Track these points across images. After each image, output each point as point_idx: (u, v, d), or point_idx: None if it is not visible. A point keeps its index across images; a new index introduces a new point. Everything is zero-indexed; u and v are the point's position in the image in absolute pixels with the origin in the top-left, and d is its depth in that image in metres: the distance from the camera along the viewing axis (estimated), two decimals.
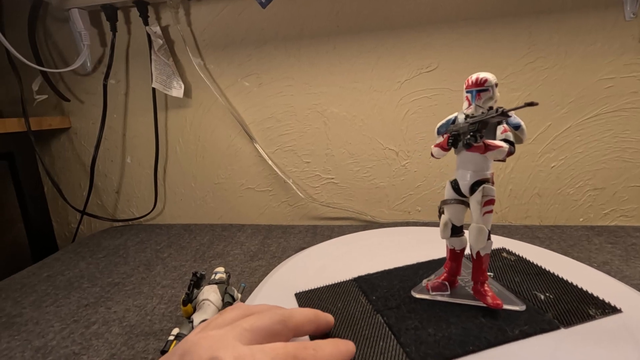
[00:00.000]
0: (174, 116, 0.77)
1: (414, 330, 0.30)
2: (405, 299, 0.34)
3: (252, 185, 0.78)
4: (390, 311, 0.33)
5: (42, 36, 0.76)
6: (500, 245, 0.46)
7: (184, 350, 0.21)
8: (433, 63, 0.66)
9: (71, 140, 0.82)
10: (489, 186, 0.29)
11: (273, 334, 0.23)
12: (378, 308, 0.33)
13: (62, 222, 0.88)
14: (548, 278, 0.37)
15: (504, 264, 0.41)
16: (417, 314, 0.32)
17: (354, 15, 0.67)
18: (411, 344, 0.28)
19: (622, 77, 0.62)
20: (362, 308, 0.34)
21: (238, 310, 0.25)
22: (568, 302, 0.33)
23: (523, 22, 0.62)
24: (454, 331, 0.29)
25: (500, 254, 0.43)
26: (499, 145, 0.28)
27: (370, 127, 0.71)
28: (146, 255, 0.64)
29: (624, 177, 0.66)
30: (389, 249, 0.47)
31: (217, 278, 0.43)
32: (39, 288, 0.54)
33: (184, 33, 0.71)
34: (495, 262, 0.41)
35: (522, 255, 0.42)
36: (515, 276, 0.38)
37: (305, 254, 0.48)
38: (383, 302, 0.34)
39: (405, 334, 0.29)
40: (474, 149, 0.28)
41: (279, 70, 0.71)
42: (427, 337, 0.29)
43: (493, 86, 0.29)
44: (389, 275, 0.39)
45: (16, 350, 0.40)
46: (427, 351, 0.27)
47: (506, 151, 0.28)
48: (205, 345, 0.20)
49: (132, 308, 0.47)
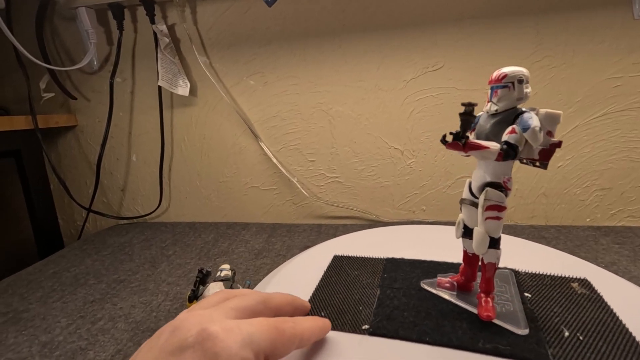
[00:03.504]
0: (180, 114, 0.77)
1: (393, 308, 0.32)
2: (412, 286, 0.35)
3: (257, 184, 0.78)
4: (389, 289, 0.35)
5: (49, 34, 0.77)
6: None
7: (173, 326, 0.22)
8: (439, 62, 0.66)
9: (77, 138, 0.83)
10: (493, 190, 0.27)
11: (256, 313, 0.25)
12: (382, 284, 0.36)
13: (68, 220, 0.88)
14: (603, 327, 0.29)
15: (567, 294, 0.33)
16: (408, 299, 0.33)
17: (359, 14, 0.67)
18: (379, 315, 0.31)
19: (630, 76, 0.61)
20: (371, 281, 0.37)
21: (222, 294, 0.27)
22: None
23: (530, 20, 0.62)
24: (426, 322, 0.30)
25: (570, 282, 0.36)
26: (481, 146, 0.26)
27: (375, 126, 0.71)
28: (151, 252, 0.64)
29: (632, 177, 0.65)
30: (419, 244, 0.46)
31: (223, 275, 0.43)
32: (46, 284, 0.55)
33: (190, 31, 0.72)
34: (556, 289, 0.34)
35: (600, 294, 0.33)
36: (566, 312, 0.31)
37: (309, 253, 0.48)
38: (390, 282, 0.36)
39: (382, 308, 0.32)
40: (450, 146, 0.26)
41: (284, 69, 0.71)
42: (398, 316, 0.31)
43: (514, 82, 0.26)
44: (416, 264, 0.40)
45: (23, 345, 0.41)
46: (386, 325, 0.30)
47: (494, 152, 0.26)
48: (194, 320, 0.22)
49: (137, 304, 0.48)
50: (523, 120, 0.26)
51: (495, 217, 0.27)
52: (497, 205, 0.27)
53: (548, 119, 0.27)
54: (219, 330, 0.21)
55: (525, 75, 0.27)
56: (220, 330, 0.21)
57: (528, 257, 0.42)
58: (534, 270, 0.38)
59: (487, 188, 0.27)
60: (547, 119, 0.27)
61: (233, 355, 0.20)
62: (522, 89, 0.26)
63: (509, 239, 0.48)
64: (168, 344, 0.21)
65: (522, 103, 0.27)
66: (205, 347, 0.20)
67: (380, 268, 0.40)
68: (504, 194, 0.27)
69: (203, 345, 0.20)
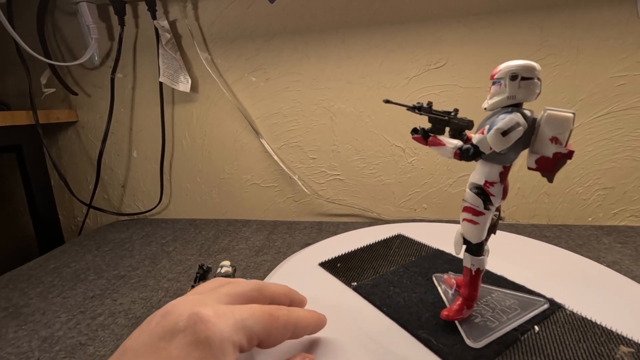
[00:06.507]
0: (181, 110, 0.77)
1: (389, 283, 0.36)
2: (424, 274, 0.38)
3: (258, 181, 0.78)
4: (404, 269, 0.39)
5: (50, 29, 0.76)
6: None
7: (165, 311, 0.21)
8: (442, 59, 0.66)
9: (78, 134, 0.82)
10: (469, 192, 0.26)
11: (250, 300, 0.25)
12: (398, 262, 0.41)
13: (68, 215, 0.88)
14: None
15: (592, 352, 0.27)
16: (409, 281, 0.37)
17: (363, 9, 0.66)
18: (372, 281, 0.37)
19: (634, 74, 0.61)
20: (400, 260, 0.42)
21: (216, 281, 0.27)
22: None
23: (534, 17, 0.61)
24: (400, 300, 0.33)
25: (620, 346, 0.27)
26: (440, 143, 0.27)
27: (377, 123, 0.71)
28: (152, 248, 0.64)
29: (634, 176, 0.65)
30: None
31: (223, 272, 0.43)
32: (46, 279, 0.55)
33: (192, 27, 0.71)
34: (587, 342, 0.28)
35: None
36: None
37: (310, 250, 0.48)
38: (412, 266, 0.40)
39: (381, 278, 0.38)
40: (416, 138, 0.28)
41: (286, 65, 0.71)
42: (385, 288, 0.35)
43: (505, 79, 0.24)
44: (439, 254, 0.43)
45: (23, 340, 0.40)
46: (367, 289, 0.36)
47: (449, 151, 0.26)
48: (186, 304, 0.22)
49: (137, 300, 0.47)
50: (496, 120, 0.24)
51: (470, 219, 0.27)
52: (471, 208, 0.26)
53: (551, 123, 0.23)
54: (211, 314, 0.21)
55: (522, 70, 0.23)
56: (212, 314, 0.21)
57: (529, 255, 0.42)
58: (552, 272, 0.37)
59: (467, 188, 0.27)
60: (549, 123, 0.23)
61: (225, 339, 0.20)
62: (514, 86, 0.24)
63: (510, 237, 0.48)
64: (159, 328, 0.20)
65: (517, 102, 0.24)
66: (196, 330, 0.20)
67: (419, 254, 0.43)
68: (481, 198, 0.26)
69: (194, 328, 0.20)
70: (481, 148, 0.25)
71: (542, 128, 0.23)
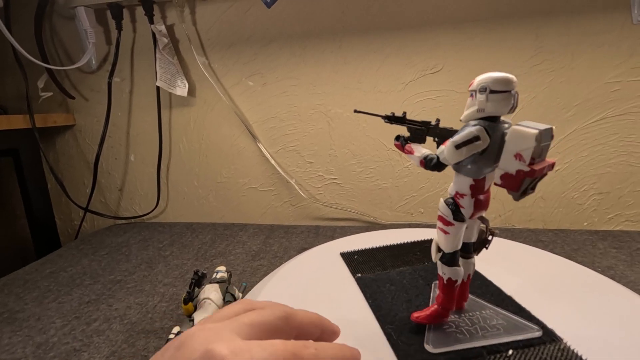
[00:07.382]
0: (178, 115, 0.77)
1: (387, 280, 0.38)
2: (427, 278, 0.39)
3: (255, 185, 0.78)
4: (409, 269, 0.41)
5: (48, 33, 0.77)
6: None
7: (180, 342, 0.21)
8: (438, 64, 0.66)
9: (75, 138, 0.82)
10: (441, 201, 0.26)
11: (274, 331, 0.22)
12: (412, 263, 0.42)
13: (65, 219, 0.88)
14: None
15: None
16: (409, 281, 0.38)
17: (360, 14, 0.67)
18: (372, 276, 0.39)
19: (629, 80, 0.61)
20: (403, 257, 0.43)
21: (241, 304, 0.25)
22: None
23: (530, 23, 0.62)
24: (387, 296, 0.35)
25: None
26: (411, 152, 0.29)
27: (374, 128, 0.71)
28: (148, 253, 0.64)
29: (630, 181, 0.65)
30: None
31: (219, 277, 0.43)
32: (42, 284, 0.55)
33: (189, 32, 0.72)
34: None
35: None
36: None
37: (307, 255, 0.48)
38: (419, 265, 0.41)
39: (384, 274, 0.40)
40: (396, 145, 0.31)
41: (283, 70, 0.71)
42: (381, 283, 0.37)
43: (475, 91, 0.23)
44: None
45: (17, 346, 0.40)
46: (365, 281, 0.38)
47: (416, 159, 0.28)
48: (201, 337, 0.20)
49: (133, 306, 0.47)
50: (458, 132, 0.24)
51: (441, 228, 0.27)
52: (442, 217, 0.26)
53: (514, 139, 0.22)
54: (226, 354, 0.19)
55: (492, 83, 0.22)
56: (227, 353, 0.19)
57: (523, 262, 0.42)
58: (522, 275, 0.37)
59: (441, 197, 0.27)
60: (512, 139, 0.22)
61: None
62: (482, 99, 0.23)
63: (505, 243, 0.48)
64: None
65: (487, 115, 0.23)
66: None
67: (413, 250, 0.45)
68: (451, 208, 0.26)
69: None
70: (441, 159, 0.26)
71: (507, 144, 0.22)
